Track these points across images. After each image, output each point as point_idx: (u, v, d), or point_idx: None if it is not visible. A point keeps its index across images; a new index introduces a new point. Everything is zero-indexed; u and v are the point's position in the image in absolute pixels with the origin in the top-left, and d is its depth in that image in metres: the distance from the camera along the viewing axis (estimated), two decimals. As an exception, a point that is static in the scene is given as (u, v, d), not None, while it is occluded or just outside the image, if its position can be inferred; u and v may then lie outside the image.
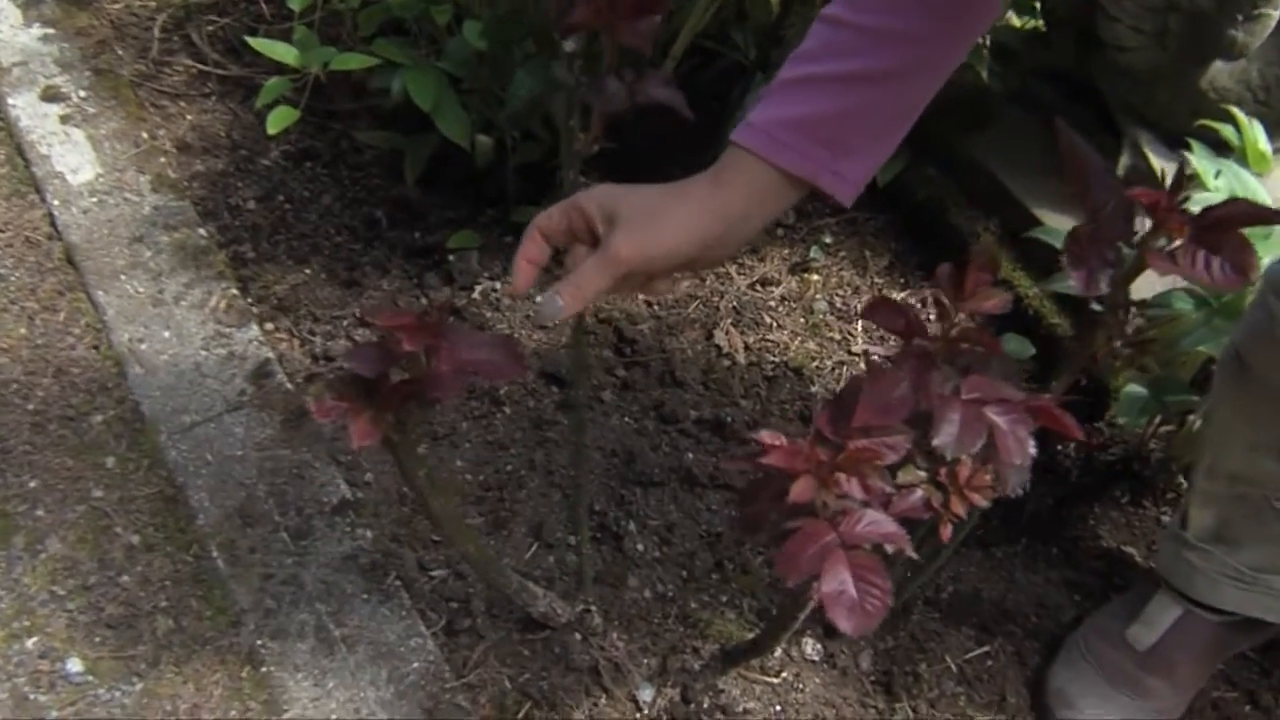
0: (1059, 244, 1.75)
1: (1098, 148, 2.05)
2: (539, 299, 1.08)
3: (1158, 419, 1.77)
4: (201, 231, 2.15)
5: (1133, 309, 1.16)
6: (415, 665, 1.62)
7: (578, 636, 1.64)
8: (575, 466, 1.54)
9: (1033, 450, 1.15)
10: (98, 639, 1.65)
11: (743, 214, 1.07)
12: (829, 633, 1.68)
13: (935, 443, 1.11)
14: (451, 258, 2.10)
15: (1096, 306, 1.25)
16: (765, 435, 1.02)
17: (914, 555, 1.05)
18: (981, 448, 1.12)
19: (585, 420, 1.50)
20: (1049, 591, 1.74)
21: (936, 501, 1.12)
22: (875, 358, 2.04)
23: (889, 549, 1.07)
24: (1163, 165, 1.89)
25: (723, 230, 1.07)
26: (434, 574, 1.73)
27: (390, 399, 1.15)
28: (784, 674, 1.62)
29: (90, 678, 1.61)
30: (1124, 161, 1.94)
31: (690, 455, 1.87)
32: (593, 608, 1.65)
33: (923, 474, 1.13)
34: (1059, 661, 1.63)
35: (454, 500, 1.46)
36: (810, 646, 1.65)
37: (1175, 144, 1.85)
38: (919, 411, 1.11)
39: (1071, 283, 1.14)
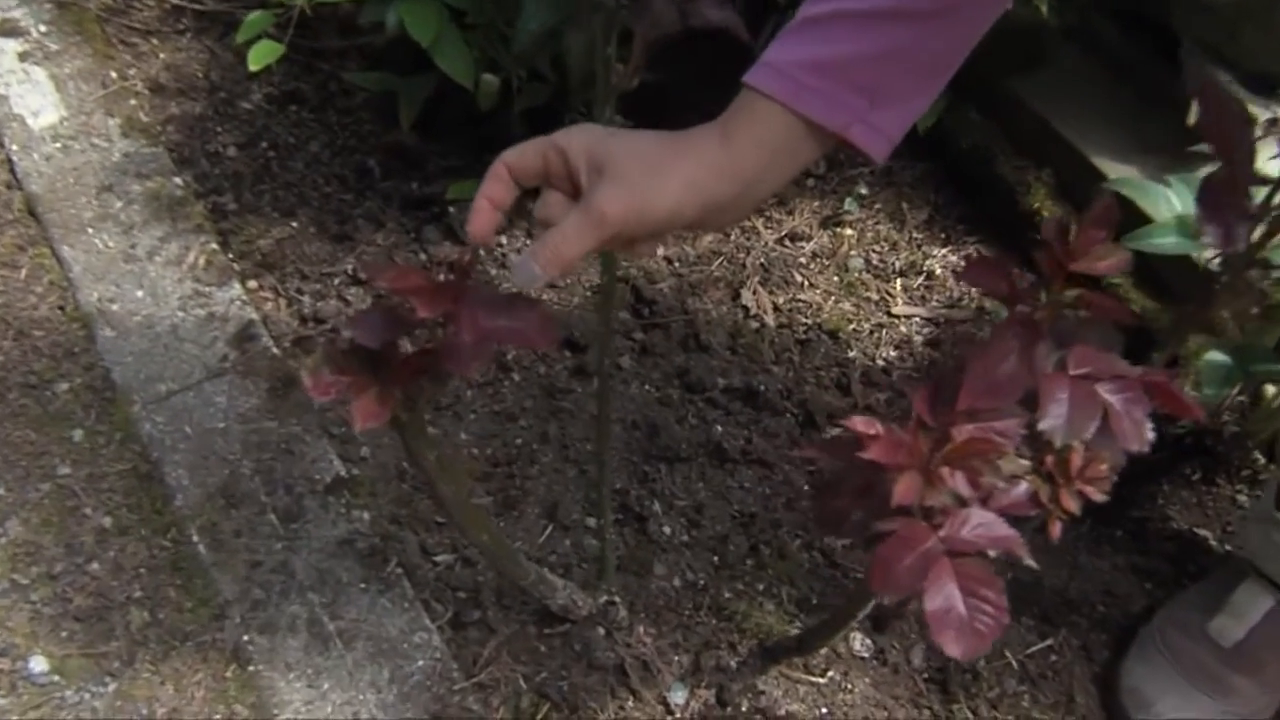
0: (1141, 198, 1.59)
1: (1169, 93, 1.89)
2: (512, 260, 0.90)
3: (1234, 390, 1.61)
4: (177, 180, 1.96)
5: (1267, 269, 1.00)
6: (420, 663, 1.46)
7: (601, 631, 1.48)
8: (597, 443, 1.37)
9: (1151, 435, 0.99)
10: (64, 634, 1.48)
11: (756, 173, 0.89)
12: (878, 625, 1.52)
13: (1041, 426, 0.95)
14: (452, 209, 1.91)
15: (1213, 267, 1.08)
16: (859, 422, 0.85)
17: (1032, 564, 0.89)
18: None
19: (609, 390, 1.33)
20: (1116, 578, 1.58)
21: (1044, 496, 0.96)
22: (928, 322, 1.88)
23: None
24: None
25: (732, 192, 0.90)
26: (439, 559, 1.57)
27: (400, 374, 0.98)
28: (830, 672, 1.46)
29: (56, 678, 1.44)
30: (1195, 109, 1.77)
31: (719, 427, 1.70)
32: (617, 599, 1.48)
33: (1026, 463, 0.96)
34: (1132, 657, 1.48)
35: (466, 485, 1.29)
36: (859, 641, 1.49)
37: (1258, 87, 1.68)
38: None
39: (1206, 238, 0.97)
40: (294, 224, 1.94)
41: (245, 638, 1.47)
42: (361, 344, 0.95)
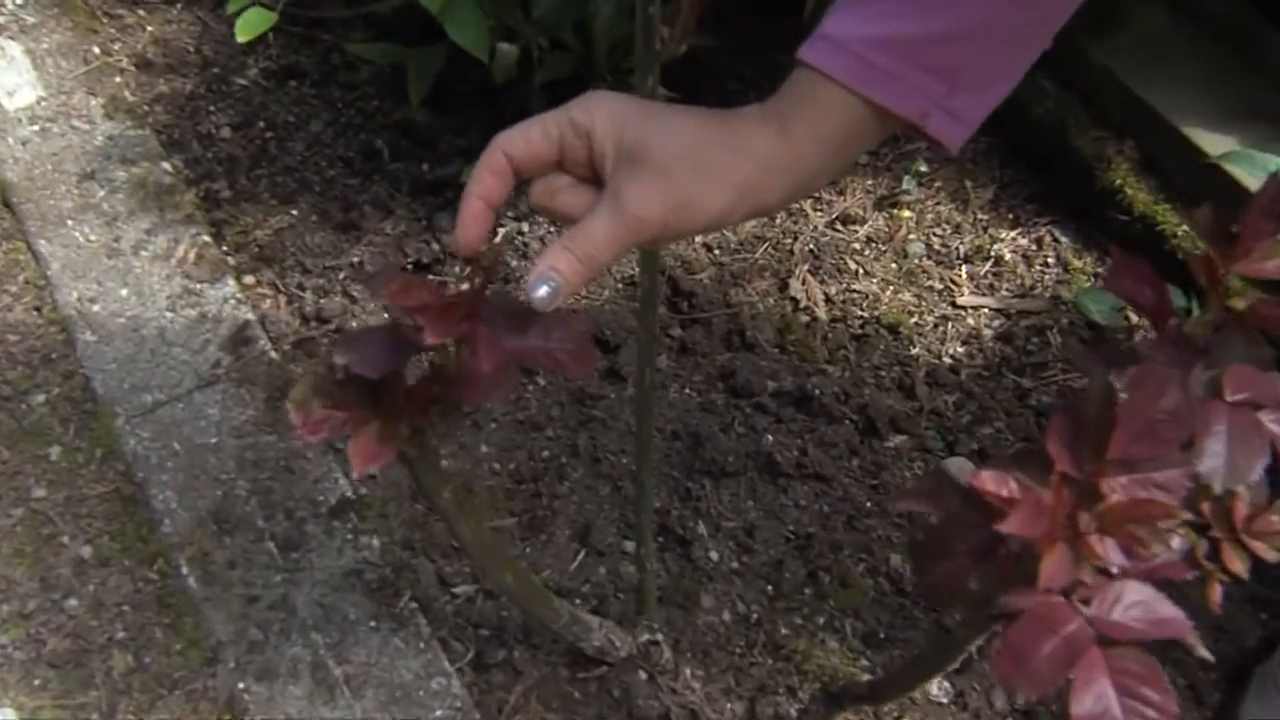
0: (1250, 171, 1.39)
1: (1266, 55, 1.68)
2: (531, 278, 0.72)
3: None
4: (165, 166, 1.79)
5: None
6: (438, 713, 1.29)
7: (642, 675, 1.31)
8: (637, 463, 1.19)
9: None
10: (38, 682, 1.31)
11: (817, 168, 0.74)
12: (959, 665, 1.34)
13: (1200, 469, 0.76)
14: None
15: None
16: (990, 480, 0.67)
17: (1206, 655, 0.71)
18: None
19: (651, 404, 1.15)
20: (1229, 611, 1.40)
21: (1202, 554, 0.77)
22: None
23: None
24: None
25: (788, 188, 0.74)
26: (458, 591, 1.39)
27: (406, 405, 0.80)
28: (905, 721, 1.28)
29: (28, 734, 1.28)
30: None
31: (770, 437, 1.51)
32: (659, 637, 1.31)
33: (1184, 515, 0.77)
34: (1250, 697, 1.30)
35: (489, 520, 1.12)
36: (935, 684, 1.31)
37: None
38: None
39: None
40: (294, 212, 1.76)
41: (240, 685, 1.30)
42: (359, 373, 0.77)
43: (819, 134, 0.72)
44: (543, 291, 0.72)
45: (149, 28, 2.00)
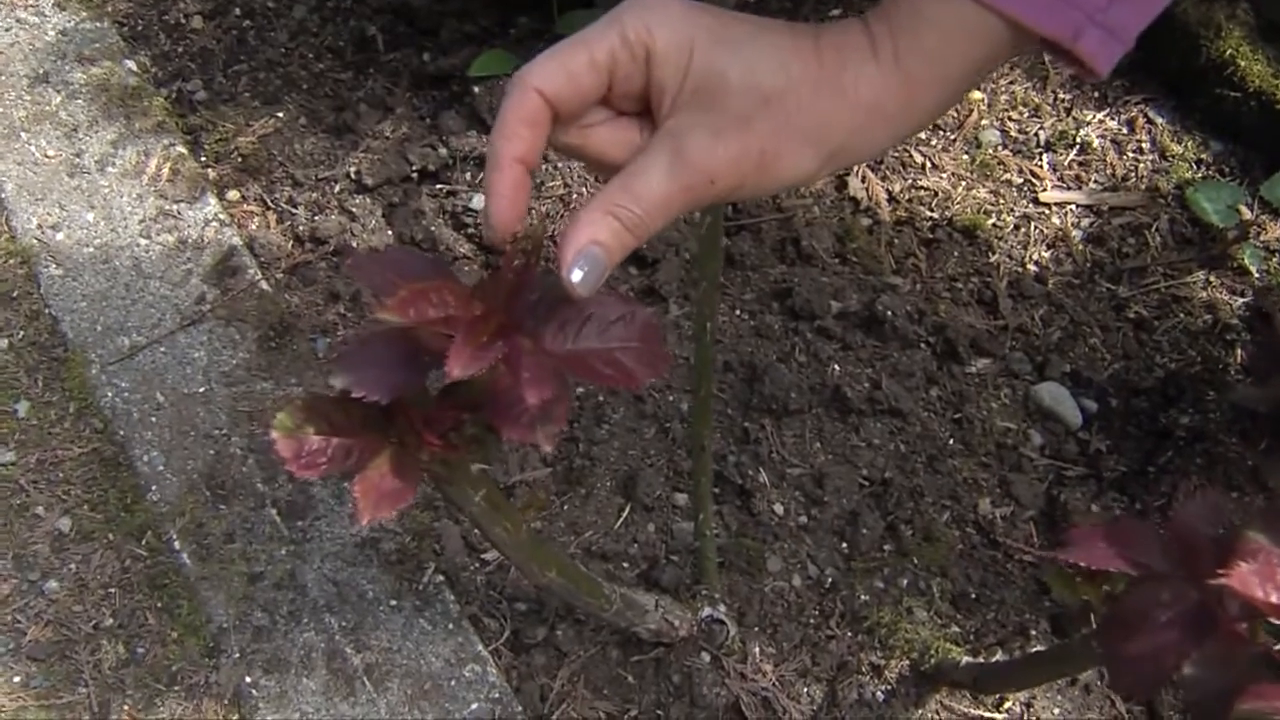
0: None
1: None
2: (565, 254, 0.53)
3: None
4: (130, 64, 1.56)
5: None
6: (474, 706, 1.13)
7: (705, 656, 1.14)
8: (696, 421, 1.01)
9: None
10: (18, 678, 1.16)
11: (931, 109, 0.57)
12: (1058, 631, 1.18)
13: None
14: (476, 89, 1.51)
15: None
16: (1252, 581, 0.48)
17: None
18: None
19: (711, 355, 0.96)
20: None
21: None
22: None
23: None
24: None
25: (893, 137, 0.57)
26: (488, 557, 1.22)
27: (427, 434, 0.61)
28: (1010, 703, 1.12)
29: (10, 739, 1.13)
30: None
31: (836, 367, 1.32)
32: (722, 612, 1.14)
33: None
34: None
35: (530, 516, 0.95)
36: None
37: None
38: None
39: None
40: (280, 114, 1.54)
41: (247, 678, 1.14)
42: (363, 397, 0.58)
43: (940, 67, 0.53)
44: (581, 274, 0.53)
45: (102, -100, 1.74)
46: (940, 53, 0.53)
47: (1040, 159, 1.52)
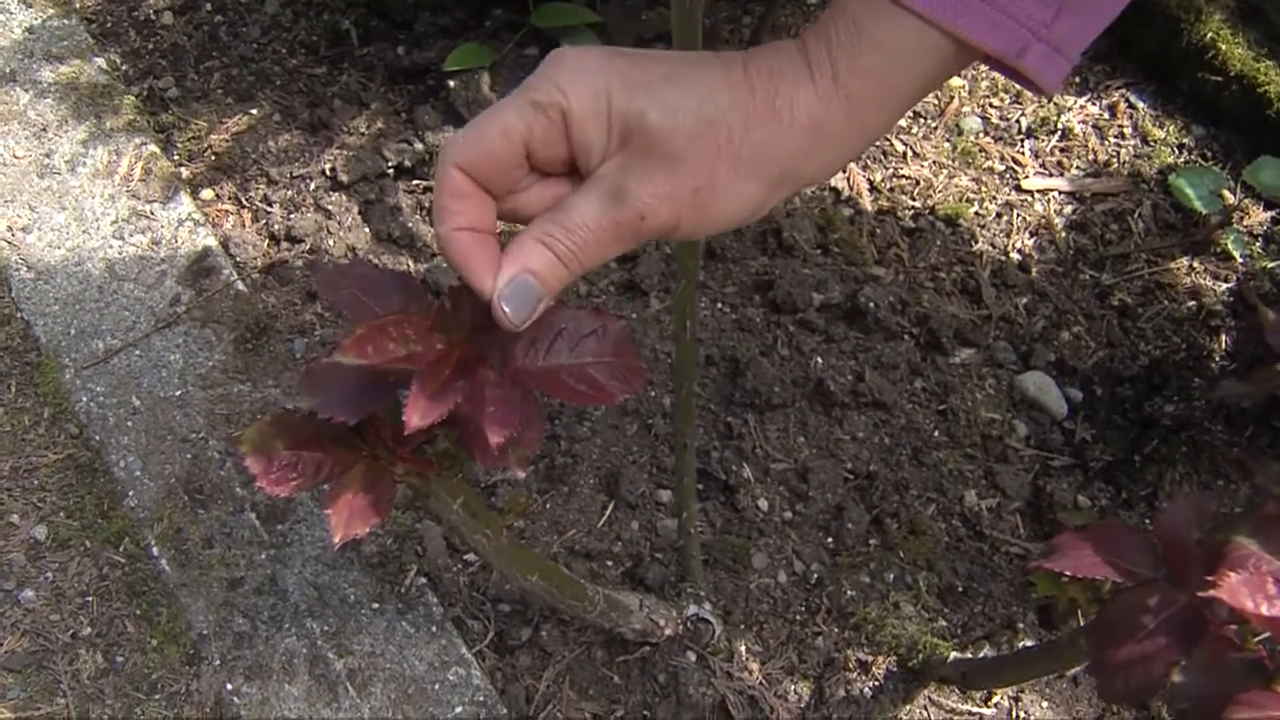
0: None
1: None
2: (498, 284, 0.52)
3: None
4: (99, 62, 1.54)
5: None
6: (459, 709, 1.12)
7: (691, 655, 1.14)
8: (677, 420, 1.00)
9: None
10: (-4, 690, 1.14)
11: (876, 130, 0.55)
12: (1047, 623, 1.18)
13: None
14: (452, 83, 1.49)
15: None
16: (1240, 592, 0.47)
17: None
18: None
19: (693, 353, 0.95)
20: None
21: None
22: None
23: None
24: None
25: (838, 160, 0.56)
26: (471, 559, 1.21)
27: (400, 450, 0.60)
28: (998, 698, 1.12)
29: (-13, 754, 1.12)
30: None
31: (819, 360, 1.31)
32: (707, 610, 1.13)
33: None
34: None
35: (512, 520, 0.94)
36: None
37: None
38: None
39: None
40: (253, 111, 1.52)
41: (228, 686, 1.13)
42: (330, 418, 0.57)
43: (883, 85, 0.52)
44: (513, 306, 0.52)
45: (69, -106, 1.71)
46: (882, 71, 0.52)
47: (1022, 146, 1.51)
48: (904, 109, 0.54)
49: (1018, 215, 1.45)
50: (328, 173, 1.46)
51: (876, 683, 1.13)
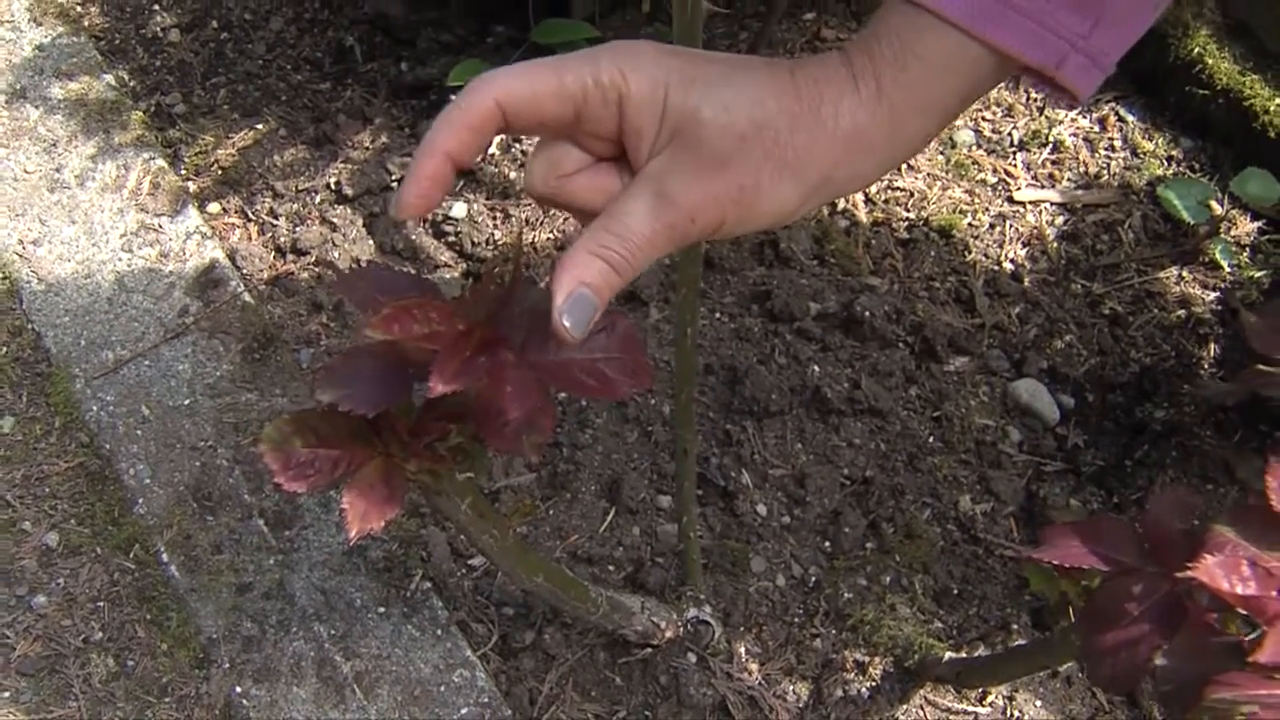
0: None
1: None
2: (556, 299, 0.54)
3: None
4: (108, 78, 1.56)
5: None
6: (464, 711, 1.14)
7: (692, 657, 1.16)
8: (678, 425, 1.02)
9: None
10: (8, 693, 1.16)
11: (917, 140, 0.56)
12: (1040, 624, 1.20)
13: None
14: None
15: None
16: (1217, 574, 0.49)
17: None
18: None
19: (693, 361, 0.98)
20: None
21: None
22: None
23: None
24: None
25: (878, 169, 0.57)
26: (475, 563, 1.24)
27: (414, 444, 0.63)
28: (993, 697, 1.14)
29: (1, 756, 1.13)
30: None
31: (816, 368, 1.34)
32: (708, 613, 1.15)
33: None
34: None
35: (518, 523, 0.96)
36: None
37: None
38: None
39: None
40: (259, 126, 1.55)
41: (238, 689, 1.15)
42: (349, 410, 0.59)
43: (925, 98, 0.54)
44: (573, 319, 0.54)
45: (77, -85, 1.75)
46: (924, 83, 0.54)
47: (1014, 158, 1.54)
48: (944, 121, 0.56)
49: (1010, 226, 1.47)
50: (333, 186, 1.49)
51: (873, 683, 1.15)
